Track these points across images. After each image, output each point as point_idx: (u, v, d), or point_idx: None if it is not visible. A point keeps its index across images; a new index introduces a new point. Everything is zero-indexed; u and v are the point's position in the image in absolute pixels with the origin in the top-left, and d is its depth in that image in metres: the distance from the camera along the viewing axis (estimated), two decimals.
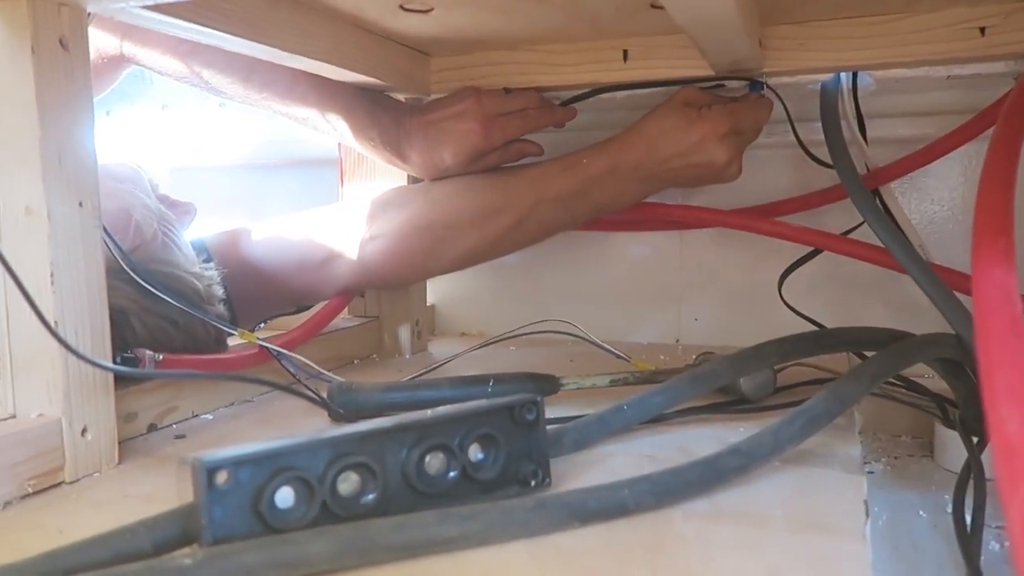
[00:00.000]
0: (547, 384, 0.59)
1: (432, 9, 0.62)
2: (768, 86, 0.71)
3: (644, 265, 0.92)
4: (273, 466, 0.34)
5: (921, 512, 0.55)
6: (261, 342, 0.62)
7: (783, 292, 0.77)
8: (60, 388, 0.44)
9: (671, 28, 0.63)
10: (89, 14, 0.46)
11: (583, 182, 0.72)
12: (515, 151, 0.76)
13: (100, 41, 0.65)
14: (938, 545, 0.51)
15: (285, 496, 0.35)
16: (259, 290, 0.73)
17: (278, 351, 0.62)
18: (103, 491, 0.44)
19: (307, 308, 0.77)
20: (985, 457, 0.54)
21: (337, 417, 0.56)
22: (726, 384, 0.57)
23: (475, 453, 0.41)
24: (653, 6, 0.59)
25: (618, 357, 0.72)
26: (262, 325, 0.79)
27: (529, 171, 0.74)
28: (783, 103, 0.73)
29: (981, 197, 0.36)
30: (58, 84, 0.44)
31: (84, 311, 0.45)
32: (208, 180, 1.09)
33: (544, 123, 0.75)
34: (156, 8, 0.46)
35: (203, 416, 0.59)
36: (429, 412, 0.40)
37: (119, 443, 0.48)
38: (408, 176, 0.80)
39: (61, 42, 0.44)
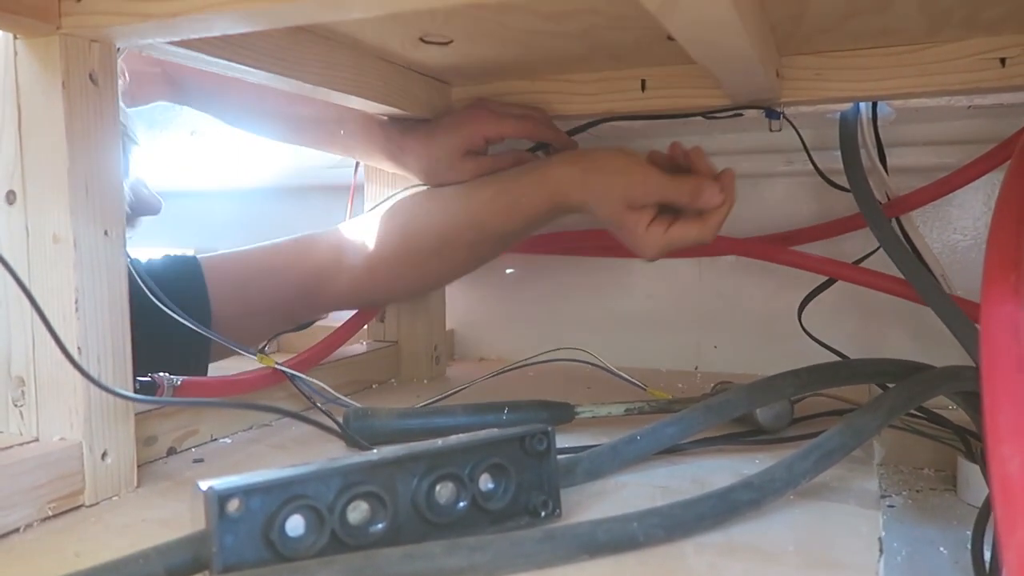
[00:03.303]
0: (562, 412, 0.59)
1: (452, 41, 0.63)
2: (785, 116, 0.72)
3: (663, 292, 0.92)
4: (284, 494, 0.35)
5: (942, 548, 0.54)
6: (279, 366, 0.62)
7: (803, 320, 0.76)
8: (81, 413, 0.45)
9: (688, 59, 0.63)
10: (119, 49, 0.48)
11: (524, 222, 0.71)
12: (510, 158, 0.75)
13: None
14: None
15: (295, 524, 0.35)
16: (253, 310, 0.72)
17: (293, 375, 0.63)
18: (121, 515, 0.45)
19: (308, 325, 0.78)
20: None
21: (352, 443, 0.56)
22: (742, 414, 0.56)
23: (485, 483, 0.41)
24: (670, 38, 0.60)
25: (634, 385, 0.72)
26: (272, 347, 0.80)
27: (471, 205, 0.73)
28: (799, 134, 0.73)
29: (994, 231, 0.36)
30: (87, 117, 0.45)
31: (107, 337, 0.46)
32: (236, 203, 1.11)
33: (544, 134, 0.75)
34: (183, 44, 0.48)
35: (222, 440, 0.60)
36: (440, 441, 0.40)
37: (139, 467, 0.49)
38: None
39: (91, 77, 0.45)
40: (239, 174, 1.08)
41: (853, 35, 0.62)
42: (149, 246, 0.72)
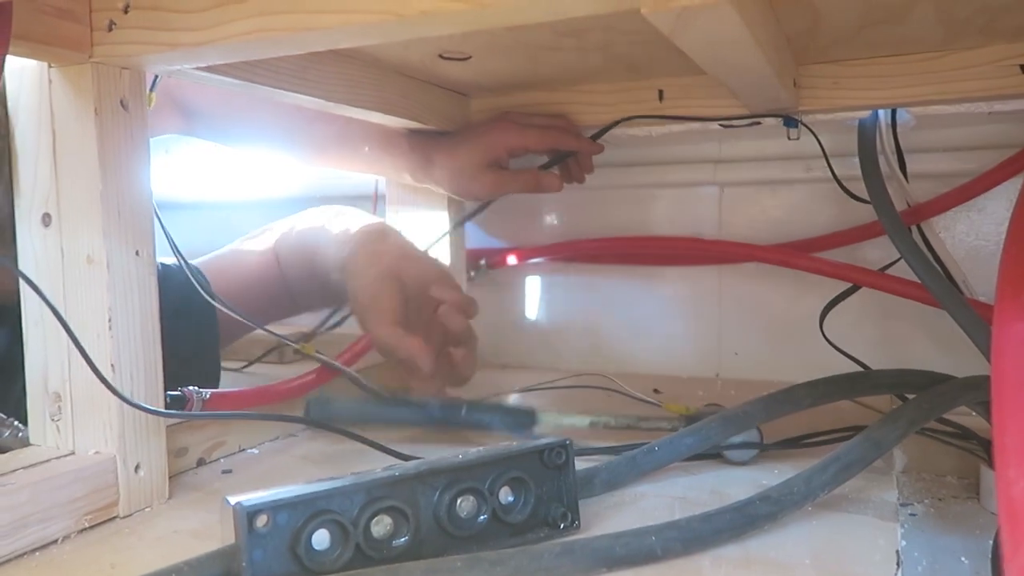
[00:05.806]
0: (523, 418, 0.60)
1: (470, 57, 0.64)
2: (804, 124, 0.72)
3: (683, 299, 0.92)
4: (310, 509, 0.36)
5: (963, 558, 0.54)
6: (320, 356, 0.66)
7: (825, 328, 0.76)
8: (115, 428, 0.46)
9: None
10: (156, 77, 0.49)
11: None
12: (530, 176, 0.76)
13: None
14: None
15: (321, 538, 0.36)
16: (255, 304, 0.75)
17: (340, 367, 0.66)
18: (154, 526, 0.46)
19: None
20: None
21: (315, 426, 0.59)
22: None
23: (505, 496, 0.42)
24: None
25: (648, 403, 0.72)
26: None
27: None
28: (820, 142, 0.73)
29: (1008, 246, 0.36)
30: (118, 142, 0.47)
31: (139, 355, 0.47)
32: (259, 214, 1.12)
33: (568, 143, 0.75)
34: (210, 69, 0.49)
35: (249, 451, 0.61)
36: (460, 456, 0.41)
37: (170, 478, 0.51)
38: (450, 202, 0.83)
39: (122, 103, 0.47)
40: (262, 185, 1.10)
41: (870, 44, 0.62)
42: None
